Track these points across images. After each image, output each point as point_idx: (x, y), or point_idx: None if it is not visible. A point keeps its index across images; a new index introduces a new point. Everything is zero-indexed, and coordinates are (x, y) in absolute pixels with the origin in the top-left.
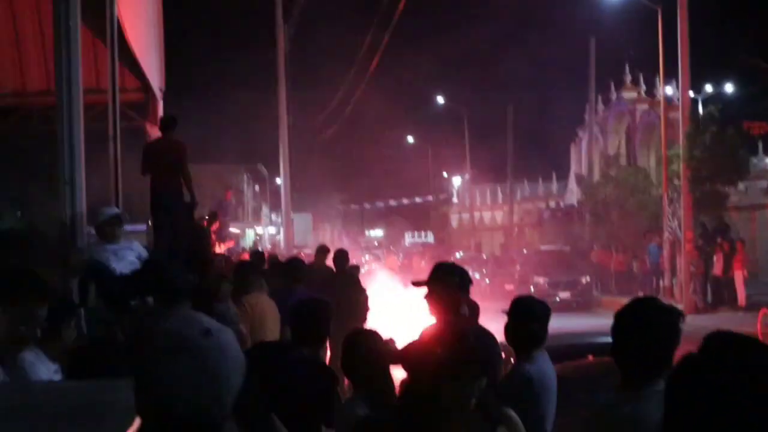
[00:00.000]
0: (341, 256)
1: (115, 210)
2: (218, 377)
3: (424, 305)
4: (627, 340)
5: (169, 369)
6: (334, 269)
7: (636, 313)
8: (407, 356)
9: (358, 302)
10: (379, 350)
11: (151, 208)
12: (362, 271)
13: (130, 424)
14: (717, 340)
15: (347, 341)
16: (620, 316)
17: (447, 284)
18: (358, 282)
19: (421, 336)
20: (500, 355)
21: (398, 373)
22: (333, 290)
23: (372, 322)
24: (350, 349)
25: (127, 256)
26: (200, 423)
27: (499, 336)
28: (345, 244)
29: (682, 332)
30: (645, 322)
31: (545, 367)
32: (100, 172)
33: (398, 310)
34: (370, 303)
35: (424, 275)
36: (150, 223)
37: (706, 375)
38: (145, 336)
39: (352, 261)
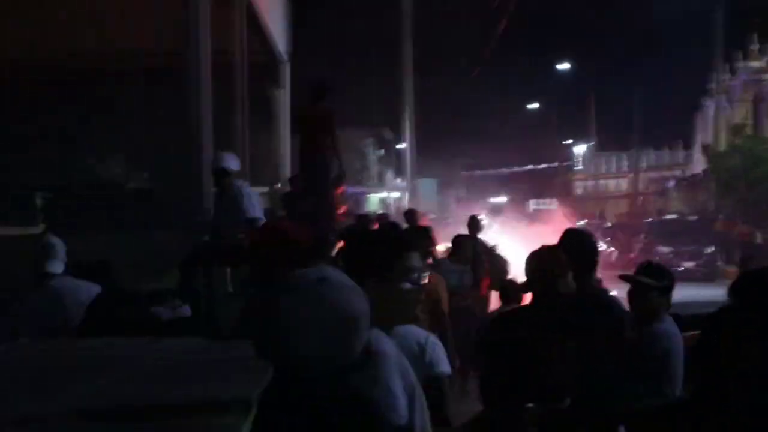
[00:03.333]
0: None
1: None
2: (341, 319)
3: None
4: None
5: (289, 314)
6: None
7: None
8: None
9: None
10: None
11: (300, 172)
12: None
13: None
14: None
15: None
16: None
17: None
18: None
19: None
20: None
21: None
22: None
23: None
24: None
25: None
26: (328, 366)
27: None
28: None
29: None
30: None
31: (672, 329)
32: (226, 133)
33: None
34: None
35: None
36: (273, 186)
37: None
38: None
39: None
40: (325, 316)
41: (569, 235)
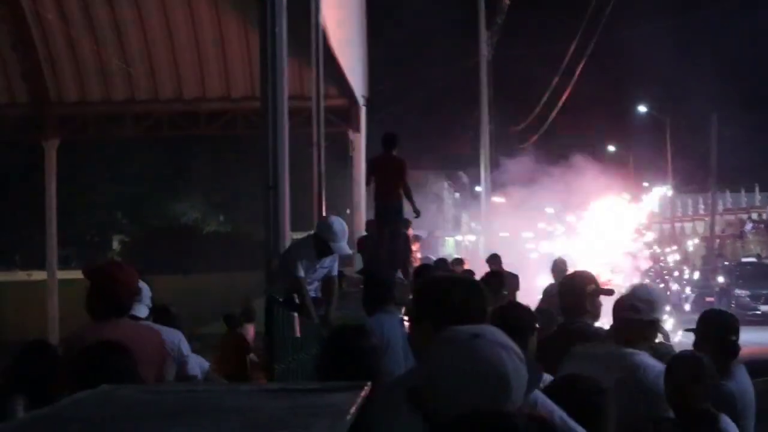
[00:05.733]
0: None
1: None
2: (491, 376)
3: None
4: None
5: (442, 368)
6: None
7: None
8: None
9: None
10: None
11: (376, 217)
12: None
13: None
14: None
15: None
16: None
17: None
18: None
19: None
20: None
21: None
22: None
23: None
24: None
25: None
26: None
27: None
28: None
29: None
30: None
31: (744, 381)
32: (303, 177)
33: None
34: None
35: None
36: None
37: None
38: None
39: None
40: (476, 372)
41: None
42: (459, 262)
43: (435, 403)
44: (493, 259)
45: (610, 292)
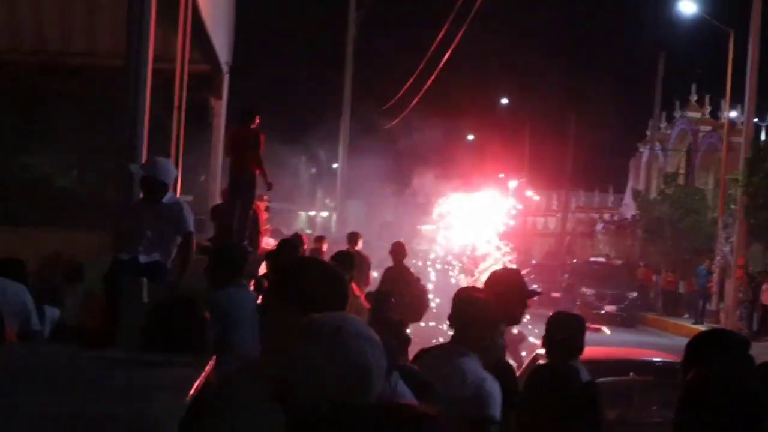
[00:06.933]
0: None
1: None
2: (356, 367)
3: None
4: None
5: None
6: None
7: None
8: None
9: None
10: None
11: (229, 187)
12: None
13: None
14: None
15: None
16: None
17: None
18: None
19: None
20: None
21: None
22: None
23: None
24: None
25: None
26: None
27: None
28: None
29: None
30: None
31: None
32: (160, 140)
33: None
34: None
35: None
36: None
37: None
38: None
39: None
40: (340, 366)
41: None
42: (320, 239)
43: (296, 395)
44: (351, 238)
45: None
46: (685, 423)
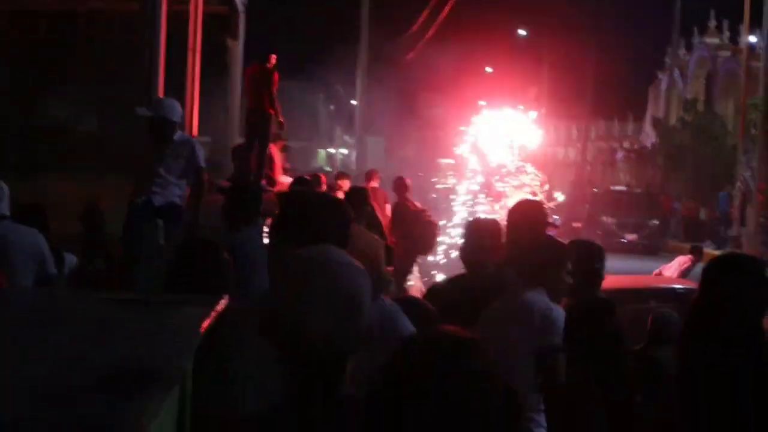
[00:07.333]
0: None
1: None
2: (345, 299)
3: None
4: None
5: (293, 298)
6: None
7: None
8: None
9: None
10: None
11: (246, 126)
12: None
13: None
14: None
15: None
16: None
17: None
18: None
19: None
20: None
21: None
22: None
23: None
24: None
25: None
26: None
27: None
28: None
29: None
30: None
31: None
32: (177, 82)
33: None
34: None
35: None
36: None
37: None
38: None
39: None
40: (329, 298)
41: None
42: (341, 176)
43: (286, 331)
44: (367, 175)
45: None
46: (688, 344)
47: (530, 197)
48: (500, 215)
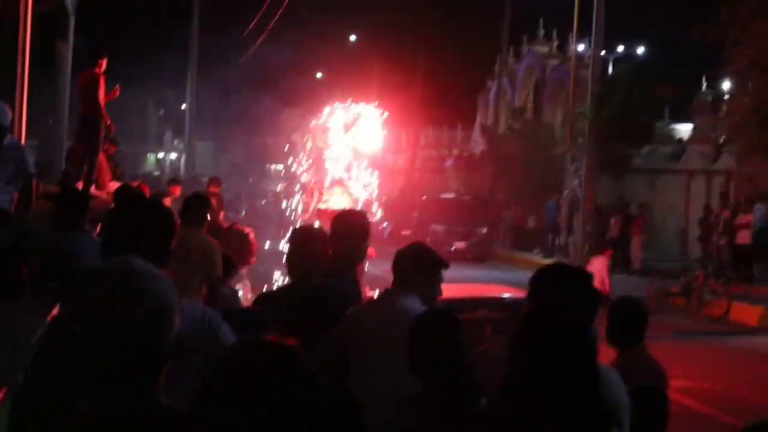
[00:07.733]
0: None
1: None
2: (153, 310)
3: None
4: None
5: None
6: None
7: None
8: None
9: None
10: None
11: (76, 130)
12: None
13: None
14: None
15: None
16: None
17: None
18: None
19: None
20: None
21: None
22: None
23: None
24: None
25: None
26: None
27: None
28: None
29: None
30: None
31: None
32: (3, 83)
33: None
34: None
35: None
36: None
37: None
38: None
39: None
40: (137, 308)
41: None
42: (174, 182)
43: (99, 345)
44: (210, 181)
45: None
46: (518, 355)
47: (354, 207)
48: (321, 223)
